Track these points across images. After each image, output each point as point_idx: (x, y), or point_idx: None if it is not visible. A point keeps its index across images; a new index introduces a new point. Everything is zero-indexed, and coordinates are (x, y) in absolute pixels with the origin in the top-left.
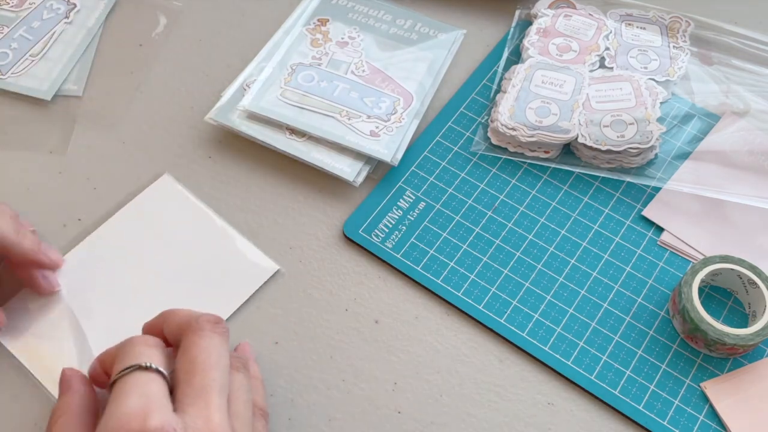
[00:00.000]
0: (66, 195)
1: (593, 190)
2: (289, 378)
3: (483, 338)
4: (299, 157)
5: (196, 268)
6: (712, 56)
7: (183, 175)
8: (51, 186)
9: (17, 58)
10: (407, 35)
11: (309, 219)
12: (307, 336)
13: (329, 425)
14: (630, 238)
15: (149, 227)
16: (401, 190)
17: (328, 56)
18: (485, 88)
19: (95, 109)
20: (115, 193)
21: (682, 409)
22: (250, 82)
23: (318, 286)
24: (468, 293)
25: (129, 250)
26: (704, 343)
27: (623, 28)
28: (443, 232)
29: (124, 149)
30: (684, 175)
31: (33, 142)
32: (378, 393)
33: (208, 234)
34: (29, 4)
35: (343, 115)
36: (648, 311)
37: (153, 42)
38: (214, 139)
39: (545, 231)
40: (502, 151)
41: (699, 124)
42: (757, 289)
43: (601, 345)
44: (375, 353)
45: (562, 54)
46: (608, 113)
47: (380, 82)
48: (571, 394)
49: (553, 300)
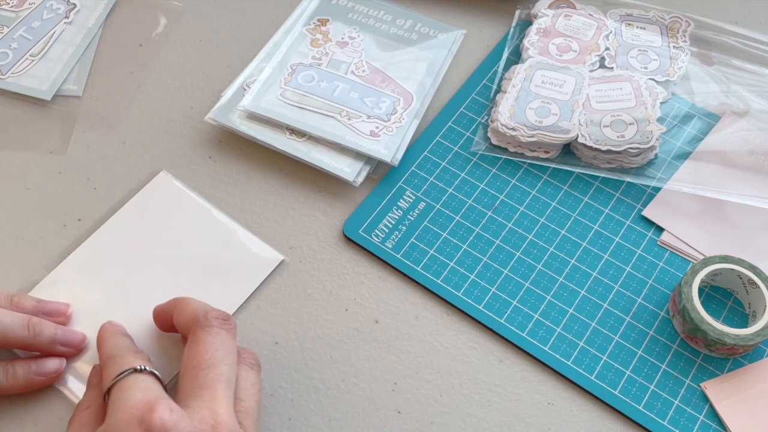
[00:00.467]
0: (66, 195)
1: (593, 190)
2: (289, 378)
3: (483, 338)
4: (299, 157)
5: (200, 263)
6: (712, 56)
7: (183, 175)
8: (51, 186)
9: (17, 58)
10: (407, 35)
11: (309, 219)
12: (307, 336)
13: (329, 425)
14: (630, 238)
15: (149, 225)
16: (401, 190)
17: (328, 56)
18: (485, 88)
19: (95, 109)
20: (115, 193)
21: (682, 409)
22: (250, 82)
23: (318, 286)
24: (468, 293)
25: (130, 249)
26: (704, 343)
27: (623, 28)
28: (443, 232)
29: (124, 149)
30: (684, 175)
31: (33, 142)
32: (378, 393)
33: (210, 228)
34: (29, 4)
35: (343, 115)
36: (648, 311)
37: (153, 42)
38: (214, 139)
39: (545, 231)
40: (502, 151)
41: (699, 124)
42: (757, 289)
43: (601, 345)
44: (375, 353)
45: (562, 54)
46: (608, 113)
47: (380, 82)
48: (571, 394)
49: (553, 300)
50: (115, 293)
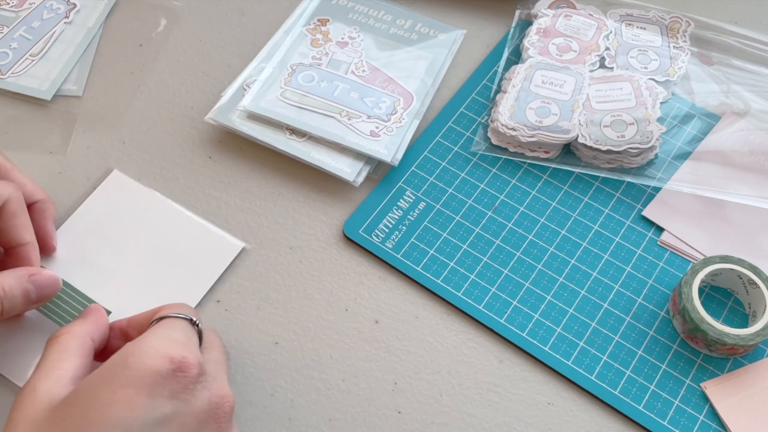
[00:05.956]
0: (66, 195)
1: (593, 190)
2: (289, 378)
3: (483, 338)
4: (299, 157)
5: (161, 257)
6: (712, 56)
7: (183, 174)
8: (51, 186)
9: (17, 58)
10: (407, 35)
11: (309, 219)
12: (307, 336)
13: (329, 425)
14: (630, 238)
15: (106, 226)
16: (401, 190)
17: (328, 56)
18: (485, 88)
19: (95, 109)
20: None
21: (682, 409)
22: (250, 82)
23: (318, 286)
24: (468, 293)
25: (89, 253)
26: (704, 343)
27: (623, 28)
28: (443, 232)
29: (124, 149)
30: (684, 175)
31: (33, 142)
32: (378, 393)
33: (168, 221)
34: (29, 4)
35: (343, 115)
36: (648, 311)
37: (153, 42)
38: (214, 139)
39: (545, 231)
40: (502, 151)
41: (699, 124)
42: (757, 289)
43: (601, 345)
44: (375, 353)
45: (562, 54)
46: (608, 113)
47: (380, 82)
48: (571, 394)
49: (553, 300)
50: (82, 296)
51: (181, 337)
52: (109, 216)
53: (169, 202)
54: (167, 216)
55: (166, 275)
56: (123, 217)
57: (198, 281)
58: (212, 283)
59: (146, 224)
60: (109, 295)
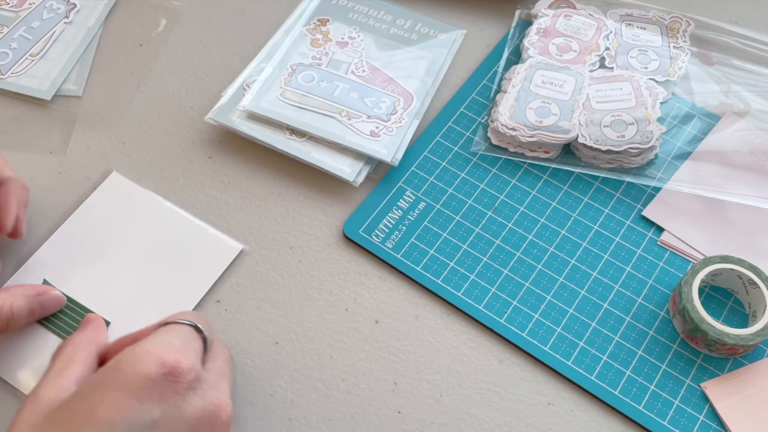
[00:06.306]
0: (66, 195)
1: (593, 190)
2: (289, 378)
3: (483, 338)
4: (299, 157)
5: (159, 258)
6: (712, 56)
7: (183, 174)
8: (51, 186)
9: (17, 58)
10: (407, 35)
11: (309, 219)
12: (307, 336)
13: (329, 425)
14: (630, 238)
15: (106, 227)
16: (401, 190)
17: (328, 56)
18: (485, 88)
19: (95, 109)
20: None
21: (682, 409)
22: (250, 82)
23: (318, 286)
24: (468, 293)
25: (88, 254)
26: (704, 343)
27: (623, 28)
28: (443, 232)
29: (124, 149)
30: (684, 175)
31: (33, 142)
32: (378, 393)
33: (166, 223)
34: (29, 4)
35: (343, 115)
36: (648, 311)
37: (153, 42)
38: (214, 139)
39: (545, 231)
40: (502, 151)
41: (699, 124)
42: (757, 289)
43: (601, 345)
44: (375, 353)
45: (562, 54)
46: (608, 113)
47: (380, 82)
48: (571, 394)
49: (553, 300)
50: (79, 300)
51: (178, 342)
52: (108, 218)
53: (168, 204)
54: (165, 218)
55: (165, 277)
56: (122, 219)
57: (197, 283)
58: (211, 284)
59: (144, 226)
60: (109, 296)
